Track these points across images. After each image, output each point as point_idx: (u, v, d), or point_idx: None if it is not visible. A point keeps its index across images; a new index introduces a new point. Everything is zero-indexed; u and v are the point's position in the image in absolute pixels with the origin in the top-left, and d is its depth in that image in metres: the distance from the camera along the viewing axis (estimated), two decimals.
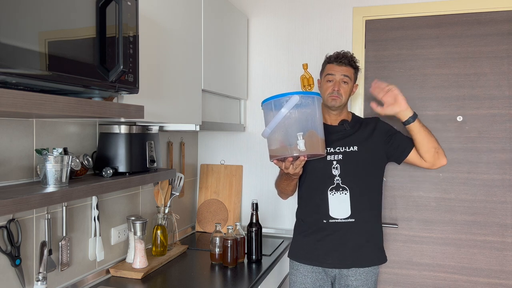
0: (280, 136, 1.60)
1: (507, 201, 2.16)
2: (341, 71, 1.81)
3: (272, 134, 1.61)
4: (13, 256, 1.33)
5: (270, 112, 1.63)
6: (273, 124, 1.58)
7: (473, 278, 2.20)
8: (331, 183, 1.82)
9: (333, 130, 1.87)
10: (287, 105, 1.55)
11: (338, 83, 1.81)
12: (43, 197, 1.12)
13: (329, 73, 1.84)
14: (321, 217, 1.82)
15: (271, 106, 1.62)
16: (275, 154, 1.63)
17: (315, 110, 1.62)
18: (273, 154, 1.64)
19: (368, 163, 1.84)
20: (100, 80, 1.13)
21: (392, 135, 1.90)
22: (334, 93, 1.81)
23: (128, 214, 1.94)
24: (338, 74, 1.82)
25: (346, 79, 1.81)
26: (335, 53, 1.87)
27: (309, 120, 1.60)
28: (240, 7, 2.55)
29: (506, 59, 2.15)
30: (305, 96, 1.60)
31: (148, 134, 1.67)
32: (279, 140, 1.61)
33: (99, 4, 1.14)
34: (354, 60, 1.85)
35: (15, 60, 0.89)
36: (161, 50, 1.60)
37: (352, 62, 1.84)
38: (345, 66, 1.82)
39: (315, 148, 1.59)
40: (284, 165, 1.64)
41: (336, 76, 1.82)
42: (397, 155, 1.89)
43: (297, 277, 1.88)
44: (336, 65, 1.83)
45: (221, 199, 2.55)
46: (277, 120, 1.57)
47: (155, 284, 1.70)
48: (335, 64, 1.83)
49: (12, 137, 1.34)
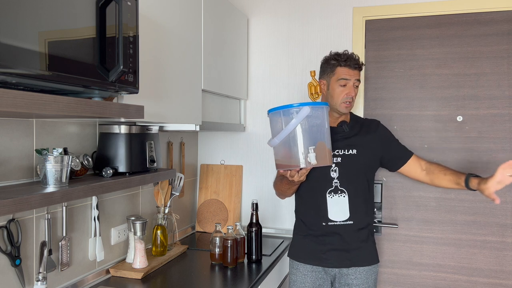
0: (289, 147, 1.57)
1: (507, 201, 2.16)
2: (355, 75, 1.78)
3: (281, 145, 1.59)
4: (13, 256, 1.33)
5: (278, 122, 1.60)
6: (283, 135, 1.55)
7: (473, 278, 2.20)
8: (330, 186, 1.82)
9: (332, 132, 1.86)
10: (298, 117, 1.52)
11: (352, 89, 1.78)
12: (43, 197, 1.12)
13: (343, 78, 1.77)
14: (320, 220, 1.82)
15: (279, 116, 1.59)
16: (284, 164, 1.61)
17: (324, 121, 1.60)
18: (281, 164, 1.62)
19: (365, 166, 1.84)
20: (100, 80, 1.13)
21: (391, 142, 1.91)
22: (349, 99, 1.78)
23: (128, 214, 1.94)
24: (352, 79, 1.77)
25: (357, 83, 1.80)
26: (344, 55, 1.79)
27: (319, 132, 1.58)
28: (240, 7, 2.55)
29: (506, 59, 2.15)
30: (315, 107, 1.57)
31: (148, 134, 1.67)
32: (287, 151, 1.58)
33: (99, 4, 1.14)
34: (363, 63, 1.83)
35: (15, 60, 0.89)
36: (161, 50, 1.60)
37: (362, 65, 1.81)
38: (357, 70, 1.79)
39: (324, 160, 1.58)
40: (289, 174, 1.63)
41: (351, 81, 1.77)
42: (393, 163, 1.90)
43: (297, 277, 1.88)
44: (350, 69, 1.77)
45: (221, 199, 2.55)
46: (287, 132, 1.54)
47: (155, 284, 1.70)
48: (349, 69, 1.77)
49: (12, 137, 1.34)
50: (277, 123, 1.61)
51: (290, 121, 1.54)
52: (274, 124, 1.63)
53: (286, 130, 1.55)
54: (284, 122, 1.57)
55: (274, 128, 1.64)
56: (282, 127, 1.57)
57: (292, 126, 1.54)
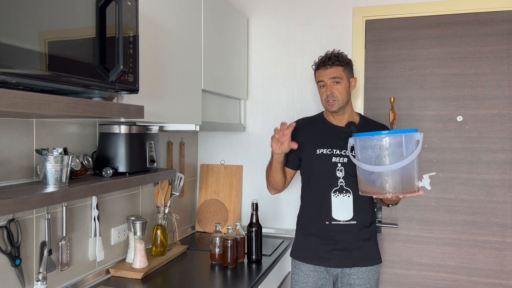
0: (403, 172, 1.56)
1: (507, 201, 2.16)
2: (328, 74, 1.81)
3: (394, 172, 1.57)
4: (13, 256, 1.33)
5: (375, 146, 1.58)
6: (402, 164, 1.53)
7: (473, 278, 2.20)
8: (335, 185, 1.82)
9: (339, 131, 1.87)
10: (420, 145, 1.54)
11: (330, 87, 1.81)
12: (43, 197, 1.11)
13: (318, 80, 1.85)
14: (323, 219, 1.82)
15: (400, 140, 1.56)
16: (401, 191, 1.58)
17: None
18: (397, 191, 1.59)
19: None
20: (100, 80, 1.13)
21: None
22: (329, 98, 1.81)
23: (128, 214, 1.94)
24: (326, 78, 1.81)
25: (336, 80, 1.80)
26: (320, 58, 1.86)
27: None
28: (240, 7, 2.55)
29: (506, 59, 2.15)
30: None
31: (148, 134, 1.67)
32: (403, 177, 1.57)
33: (99, 4, 1.14)
34: (340, 58, 1.82)
35: (15, 60, 0.89)
36: (161, 50, 1.60)
37: (337, 61, 1.81)
38: (330, 67, 1.80)
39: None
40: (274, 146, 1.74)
41: (326, 80, 1.82)
42: None
43: (299, 276, 1.88)
44: (322, 69, 1.83)
45: (221, 199, 2.55)
46: (413, 157, 1.53)
47: (155, 284, 1.70)
48: (321, 69, 1.83)
49: (12, 137, 1.34)
50: (372, 147, 1.59)
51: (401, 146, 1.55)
52: (368, 147, 1.60)
53: (409, 158, 1.53)
54: (386, 148, 1.56)
55: (364, 151, 1.61)
56: (403, 153, 1.55)
57: (415, 155, 1.53)
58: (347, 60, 1.85)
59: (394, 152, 1.56)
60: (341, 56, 1.83)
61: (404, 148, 1.55)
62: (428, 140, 2.26)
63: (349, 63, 1.86)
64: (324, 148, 1.85)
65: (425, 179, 1.57)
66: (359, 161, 1.63)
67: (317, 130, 1.92)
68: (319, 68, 1.85)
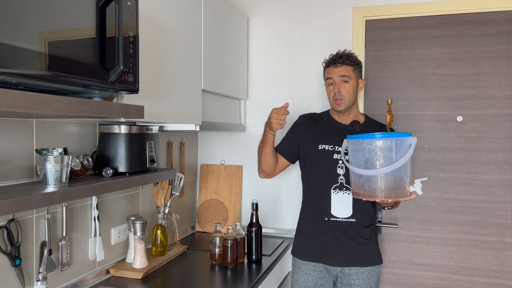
0: (394, 177, 1.56)
1: (507, 201, 2.16)
2: (338, 72, 1.82)
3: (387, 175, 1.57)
4: (13, 256, 1.33)
5: (365, 149, 1.58)
6: (389, 169, 1.53)
7: (473, 278, 2.20)
8: (335, 182, 1.83)
9: (343, 128, 1.88)
10: (411, 150, 1.53)
11: (338, 85, 1.82)
12: (43, 197, 1.11)
13: (327, 77, 1.86)
14: (322, 215, 1.83)
15: (390, 143, 1.56)
16: (392, 196, 1.60)
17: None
18: (386, 195, 1.60)
19: None
20: (100, 80, 1.13)
21: None
22: (337, 96, 1.81)
23: (128, 214, 1.94)
24: (335, 76, 1.82)
25: (345, 79, 1.81)
26: (332, 56, 1.87)
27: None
28: (240, 7, 2.55)
29: (506, 59, 2.15)
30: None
31: (148, 134, 1.67)
32: (393, 181, 1.57)
33: (99, 4, 1.14)
34: (350, 58, 1.84)
35: (15, 60, 0.89)
36: (161, 50, 1.60)
37: (348, 60, 1.82)
38: (340, 66, 1.82)
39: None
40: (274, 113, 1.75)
41: (334, 78, 1.82)
42: None
43: (299, 275, 1.88)
44: (332, 67, 1.84)
45: (221, 199, 2.55)
46: (402, 162, 1.52)
47: (155, 284, 1.70)
48: (331, 67, 1.84)
49: (12, 137, 1.34)
50: (364, 149, 1.58)
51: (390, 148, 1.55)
52: (361, 150, 1.60)
53: (401, 161, 1.52)
54: (380, 151, 1.55)
55: (356, 153, 1.61)
56: (392, 157, 1.54)
57: (407, 158, 1.53)
58: (357, 61, 1.87)
59: (384, 156, 1.56)
60: (352, 56, 1.85)
61: (394, 152, 1.55)
62: (428, 140, 2.26)
63: (359, 64, 1.88)
64: (326, 144, 1.86)
65: (416, 184, 1.56)
66: (350, 163, 1.64)
67: (321, 126, 1.93)
68: (329, 66, 1.85)
